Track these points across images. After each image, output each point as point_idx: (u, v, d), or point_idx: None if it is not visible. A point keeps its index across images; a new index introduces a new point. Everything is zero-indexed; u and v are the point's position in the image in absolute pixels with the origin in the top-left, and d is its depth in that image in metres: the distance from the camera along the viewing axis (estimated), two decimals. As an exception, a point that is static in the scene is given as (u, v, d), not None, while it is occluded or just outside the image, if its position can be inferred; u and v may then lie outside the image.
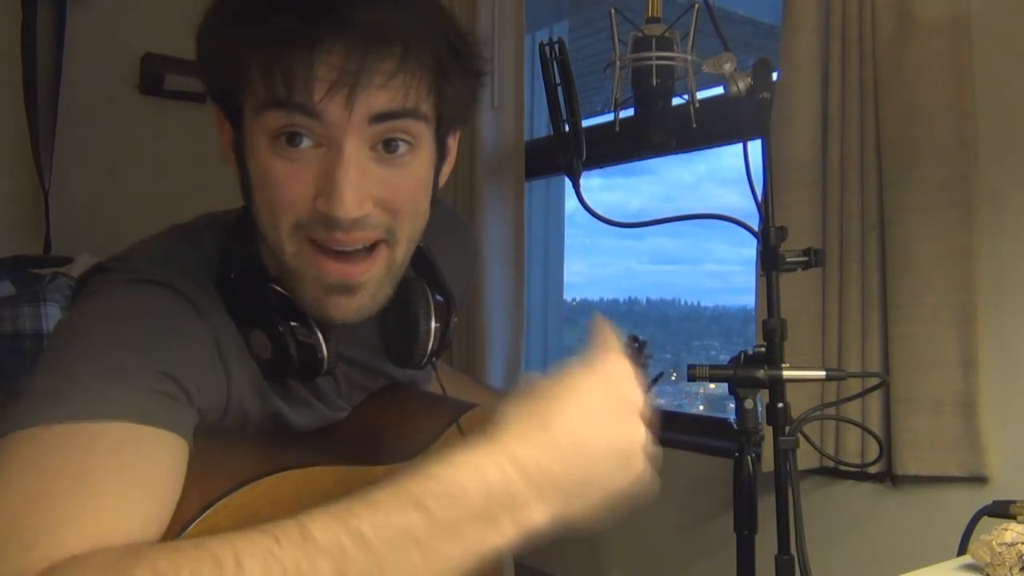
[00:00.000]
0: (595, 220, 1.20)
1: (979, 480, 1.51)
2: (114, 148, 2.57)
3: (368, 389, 1.01)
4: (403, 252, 0.84)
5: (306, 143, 0.75)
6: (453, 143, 0.90)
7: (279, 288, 0.83)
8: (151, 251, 0.84)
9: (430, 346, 0.90)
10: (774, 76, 1.69)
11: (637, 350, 1.24)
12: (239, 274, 0.84)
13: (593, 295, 3.19)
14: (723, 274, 2.79)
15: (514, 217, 2.52)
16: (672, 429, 2.13)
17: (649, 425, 0.69)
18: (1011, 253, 1.50)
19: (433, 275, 0.94)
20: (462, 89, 0.82)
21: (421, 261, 0.93)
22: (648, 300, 3.08)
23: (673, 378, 2.69)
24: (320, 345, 0.83)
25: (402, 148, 0.78)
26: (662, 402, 2.70)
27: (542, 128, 2.78)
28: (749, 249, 1.12)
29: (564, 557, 2.26)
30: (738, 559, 1.09)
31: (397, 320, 0.90)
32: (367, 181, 0.76)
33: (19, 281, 1.82)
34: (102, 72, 2.65)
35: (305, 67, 0.72)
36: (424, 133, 0.80)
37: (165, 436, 0.69)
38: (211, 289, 0.82)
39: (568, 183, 1.19)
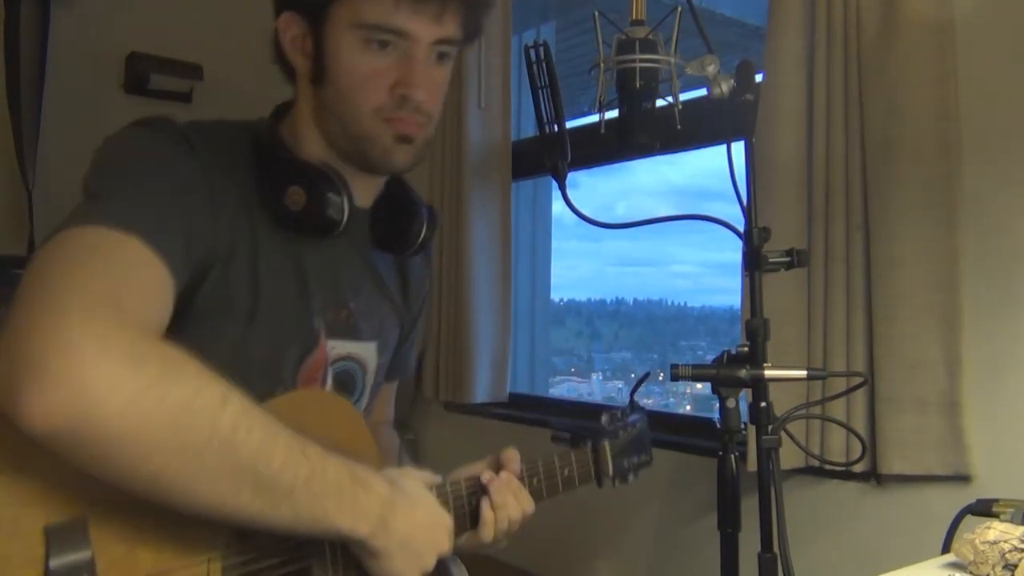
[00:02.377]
0: (582, 220, 1.20)
1: (963, 479, 1.52)
2: (99, 148, 2.56)
3: (337, 298, 1.13)
4: (433, 129, 1.11)
5: (391, 48, 1.02)
6: None
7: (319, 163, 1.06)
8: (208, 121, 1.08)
9: (421, 237, 1.17)
10: (758, 78, 1.70)
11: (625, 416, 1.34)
12: (279, 144, 1.08)
13: (580, 295, 3.20)
14: (710, 275, 2.80)
15: (501, 217, 2.52)
16: (657, 429, 2.14)
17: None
18: (994, 253, 1.51)
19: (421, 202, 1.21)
20: (478, 28, 1.12)
21: (415, 194, 1.20)
22: (635, 300, 3.09)
23: (660, 379, 2.70)
24: (345, 204, 1.04)
25: (447, 60, 1.09)
26: (649, 402, 2.71)
27: (529, 128, 2.78)
28: (734, 251, 1.12)
29: (551, 556, 2.27)
30: (722, 557, 1.10)
31: (395, 215, 1.17)
32: (429, 76, 1.05)
33: (2, 283, 1.80)
34: (87, 72, 2.64)
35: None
36: (455, 53, 1.10)
37: (157, 261, 0.87)
38: (238, 155, 1.04)
39: (555, 183, 1.20)
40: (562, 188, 1.20)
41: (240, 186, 1.01)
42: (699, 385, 2.43)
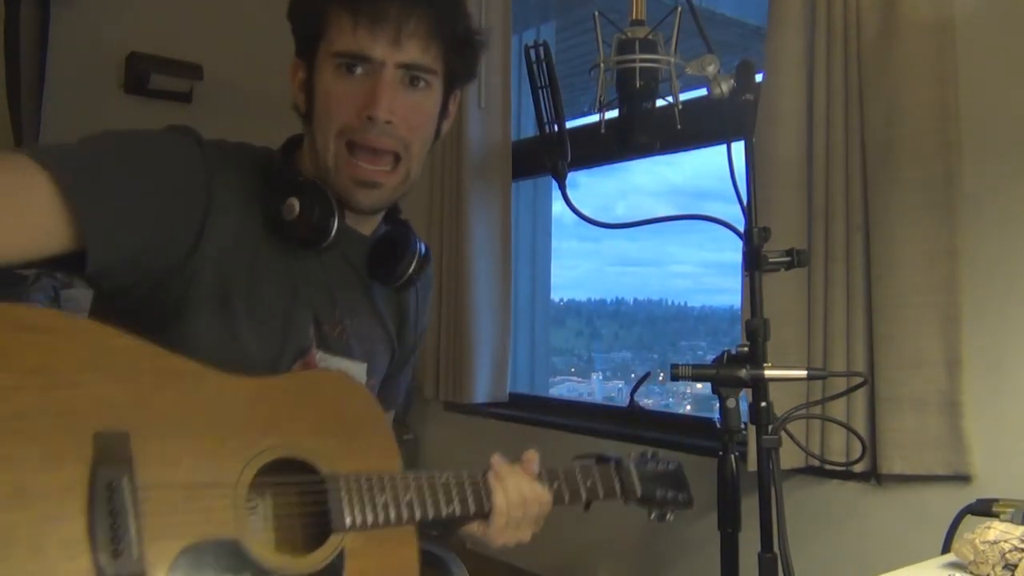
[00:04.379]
0: (582, 220, 1.20)
1: (963, 479, 1.52)
2: (99, 148, 2.56)
3: (331, 313, 1.18)
4: (414, 168, 1.14)
5: (359, 71, 1.08)
6: (453, 106, 1.21)
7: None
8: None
9: (410, 271, 1.20)
10: (758, 78, 1.70)
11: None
12: (286, 166, 1.15)
13: (580, 295, 3.20)
14: (709, 275, 2.80)
15: (501, 217, 2.52)
16: (657, 429, 2.14)
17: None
18: (993, 253, 1.51)
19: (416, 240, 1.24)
20: (465, 62, 1.16)
21: (414, 234, 1.24)
22: (635, 300, 3.09)
23: (660, 379, 2.70)
24: (334, 219, 1.10)
25: (421, 84, 1.11)
26: (649, 402, 2.71)
27: (529, 128, 2.78)
28: (734, 251, 1.13)
29: (551, 556, 2.27)
30: (722, 557, 1.10)
31: (388, 249, 1.21)
32: (396, 98, 1.08)
33: (2, 281, 1.81)
34: (87, 72, 2.64)
35: (370, 23, 1.06)
36: (435, 83, 1.13)
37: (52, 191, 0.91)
38: (247, 171, 1.10)
39: (555, 183, 1.20)
40: (562, 188, 1.20)
41: (244, 197, 1.09)
42: (699, 385, 2.43)
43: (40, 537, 0.80)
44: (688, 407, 2.77)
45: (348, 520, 1.02)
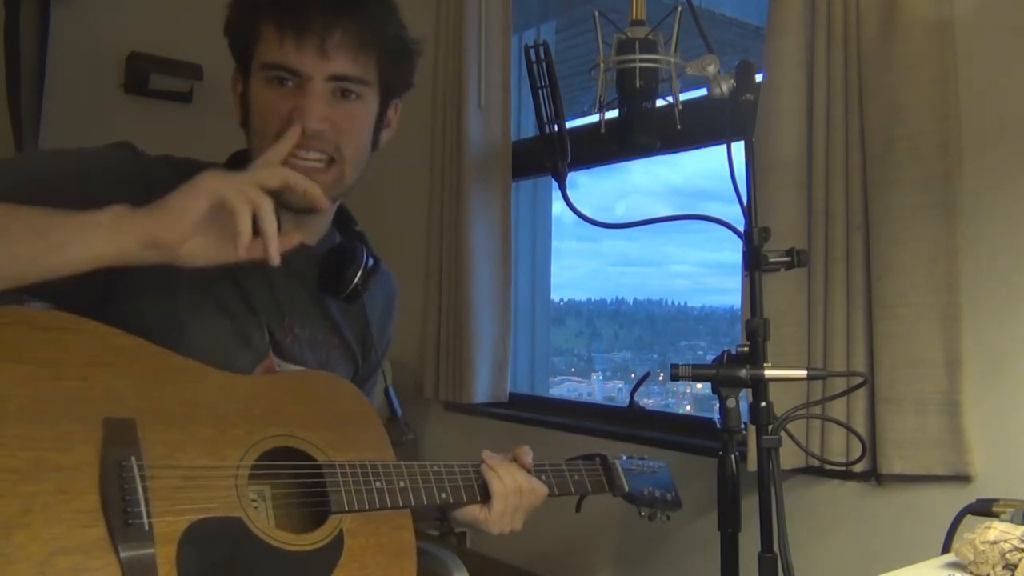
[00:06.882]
0: (582, 220, 1.20)
1: (963, 479, 1.52)
2: (99, 148, 2.56)
3: (280, 320, 1.20)
4: (348, 172, 1.16)
5: (289, 84, 1.11)
6: (393, 116, 1.25)
7: None
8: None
9: (355, 282, 1.22)
10: (758, 78, 1.70)
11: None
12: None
13: (580, 295, 3.20)
14: (709, 275, 2.80)
15: (501, 217, 2.52)
16: (657, 429, 2.14)
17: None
18: (994, 253, 1.51)
19: (370, 252, 1.27)
20: (399, 70, 1.19)
21: (363, 246, 1.26)
22: (635, 300, 3.09)
23: (660, 379, 2.70)
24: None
25: (352, 96, 1.13)
26: (649, 402, 2.71)
27: (529, 128, 2.78)
28: (734, 251, 1.13)
29: (551, 556, 2.27)
30: (722, 557, 1.10)
31: (336, 261, 1.24)
32: (325, 108, 1.10)
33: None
34: (87, 71, 2.64)
35: (295, 37, 1.08)
36: (368, 93, 1.15)
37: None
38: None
39: (555, 183, 1.20)
40: (562, 188, 1.20)
41: None
42: (699, 385, 2.43)
43: (57, 508, 0.86)
44: (688, 407, 2.77)
45: (345, 502, 1.07)
